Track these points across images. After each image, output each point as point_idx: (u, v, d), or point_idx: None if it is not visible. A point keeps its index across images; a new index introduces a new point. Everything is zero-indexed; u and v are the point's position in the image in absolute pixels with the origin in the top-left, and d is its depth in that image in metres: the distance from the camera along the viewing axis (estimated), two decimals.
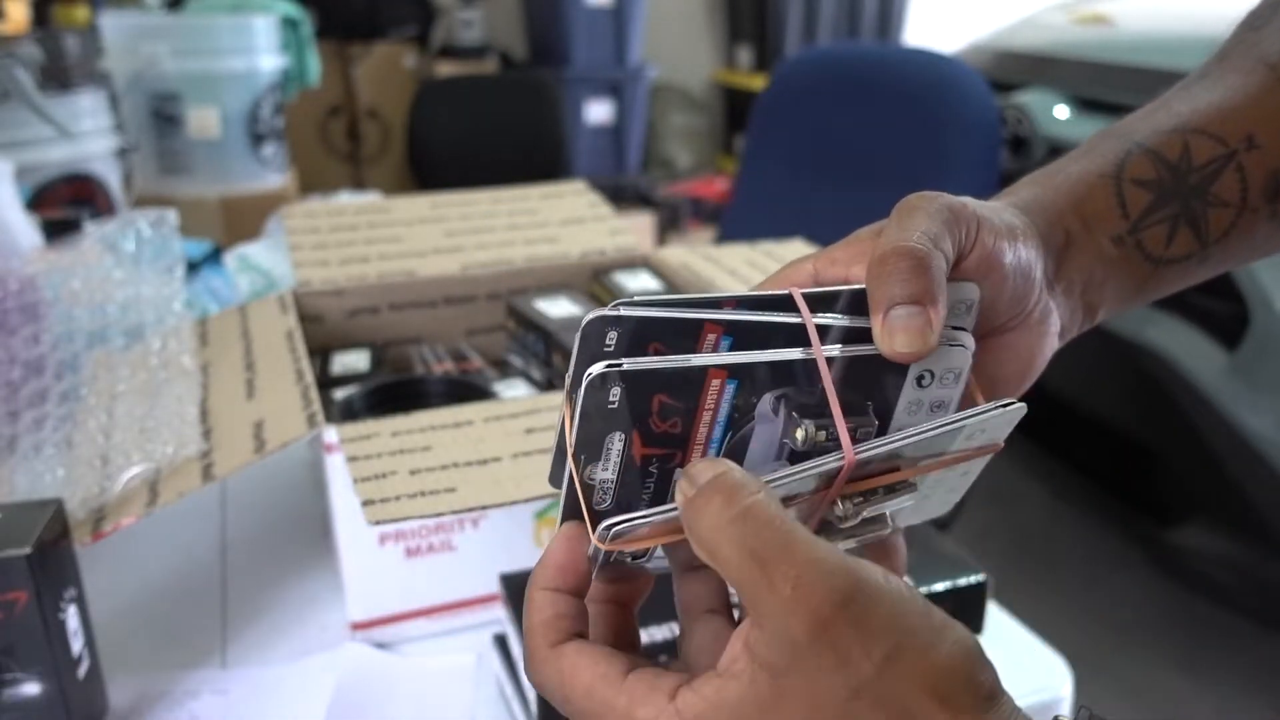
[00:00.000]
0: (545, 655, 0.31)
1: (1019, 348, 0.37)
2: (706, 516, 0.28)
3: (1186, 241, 0.38)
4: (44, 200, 1.37)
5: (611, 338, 0.32)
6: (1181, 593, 1.96)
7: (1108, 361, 1.80)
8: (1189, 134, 0.39)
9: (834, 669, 0.26)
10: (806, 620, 0.26)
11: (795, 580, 0.26)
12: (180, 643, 0.67)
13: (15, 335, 0.75)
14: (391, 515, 0.51)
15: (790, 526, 0.27)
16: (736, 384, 0.32)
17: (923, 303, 0.31)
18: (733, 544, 0.27)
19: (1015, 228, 0.35)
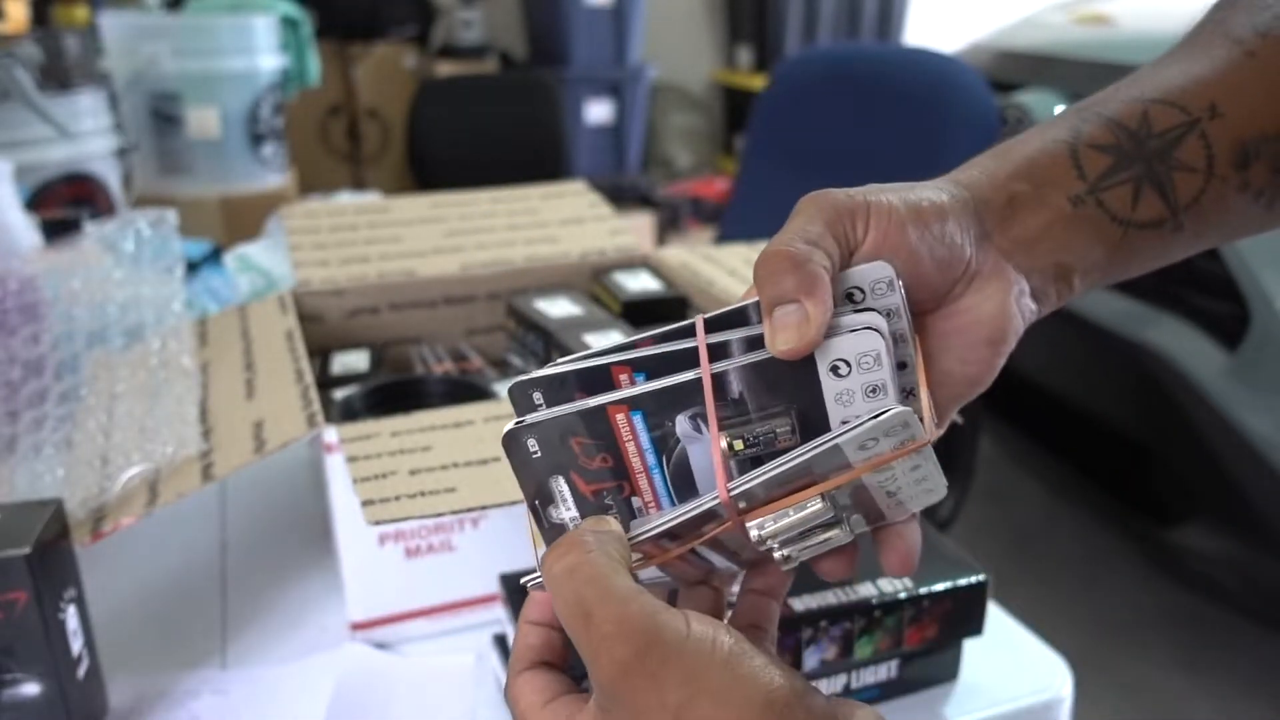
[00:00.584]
0: (511, 675, 0.35)
1: (979, 311, 0.37)
2: (545, 567, 0.32)
3: (1155, 205, 0.38)
4: (44, 200, 1.37)
5: (538, 397, 0.35)
6: (1181, 593, 1.96)
7: (1108, 361, 1.80)
8: (1149, 103, 0.38)
9: (639, 714, 0.29)
10: (609, 668, 0.29)
11: (602, 634, 0.29)
12: (180, 643, 0.67)
13: (15, 335, 0.75)
14: (391, 515, 0.51)
15: (609, 585, 0.30)
16: (641, 413, 0.35)
17: (797, 298, 0.33)
18: (561, 594, 0.31)
19: (921, 205, 0.36)
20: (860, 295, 0.35)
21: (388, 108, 3.34)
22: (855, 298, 0.35)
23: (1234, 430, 1.50)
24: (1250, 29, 0.39)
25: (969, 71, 1.66)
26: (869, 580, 0.57)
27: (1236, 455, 1.52)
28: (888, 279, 0.35)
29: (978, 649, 0.63)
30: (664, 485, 0.36)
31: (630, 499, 0.36)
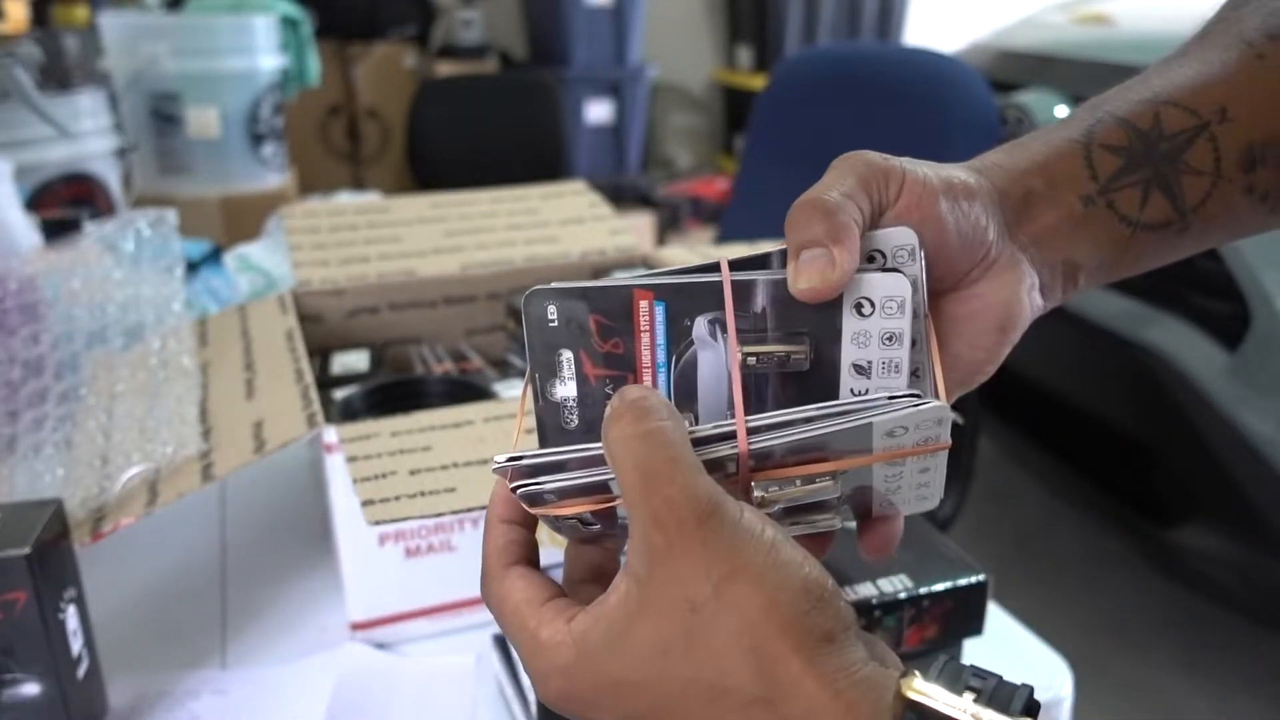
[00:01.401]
0: (493, 576, 0.35)
1: (992, 298, 0.37)
2: (615, 429, 0.31)
3: (1162, 207, 0.38)
4: (44, 200, 1.37)
5: (553, 311, 0.35)
6: (1181, 593, 1.96)
7: (1108, 361, 1.80)
8: (1160, 105, 0.39)
9: (680, 582, 0.29)
10: (665, 532, 0.29)
11: (665, 497, 0.29)
12: (180, 643, 0.67)
13: (15, 335, 0.75)
14: (391, 515, 0.51)
15: (679, 454, 0.30)
16: (664, 305, 0.35)
17: (824, 244, 0.33)
18: (628, 456, 0.30)
19: (954, 181, 0.36)
20: (881, 259, 0.35)
21: (388, 108, 3.34)
22: (876, 260, 0.35)
23: (1234, 430, 1.50)
24: (1261, 31, 0.40)
25: (969, 71, 1.66)
26: (869, 580, 0.57)
27: (1236, 455, 1.51)
28: (910, 246, 0.35)
29: (978, 649, 0.63)
30: (666, 388, 0.36)
31: None
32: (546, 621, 0.32)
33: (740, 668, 0.29)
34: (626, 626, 0.30)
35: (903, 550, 0.62)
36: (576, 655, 0.31)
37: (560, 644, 0.31)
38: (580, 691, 0.31)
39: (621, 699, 0.31)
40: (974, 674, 0.29)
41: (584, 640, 0.31)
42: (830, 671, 0.28)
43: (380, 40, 3.34)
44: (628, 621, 0.30)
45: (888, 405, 0.32)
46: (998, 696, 0.28)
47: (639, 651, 0.30)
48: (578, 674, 0.31)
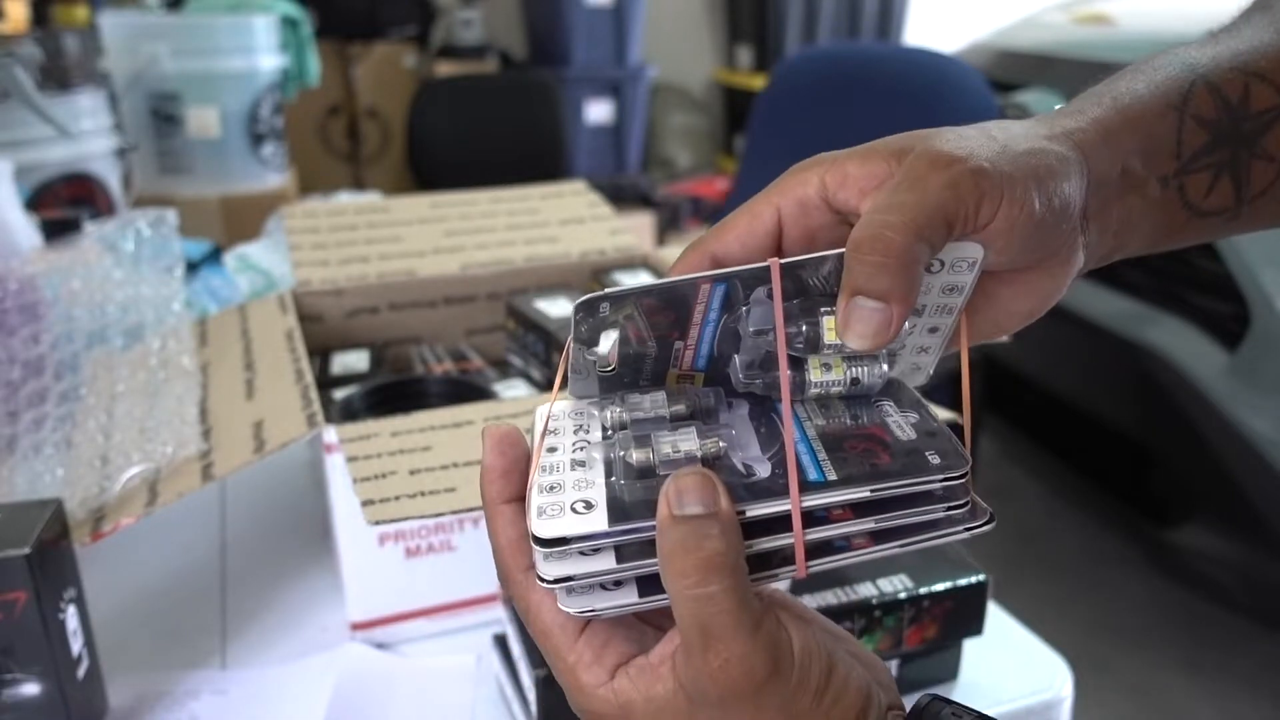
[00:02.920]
0: (517, 579, 0.33)
1: (1038, 284, 0.35)
2: (676, 580, 0.30)
3: (1225, 196, 0.37)
4: (44, 200, 1.37)
5: (605, 307, 0.33)
6: (1181, 593, 1.96)
7: (1108, 361, 1.80)
8: (1250, 76, 0.37)
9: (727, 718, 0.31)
10: (721, 690, 0.30)
11: (724, 660, 0.30)
12: (180, 643, 0.67)
13: (15, 335, 0.75)
14: (391, 515, 0.51)
15: (741, 614, 0.30)
16: (725, 286, 0.33)
17: (888, 300, 0.30)
18: (689, 609, 0.30)
19: (1054, 171, 0.33)
20: (938, 266, 0.33)
21: (388, 108, 3.34)
22: (932, 268, 0.33)
23: (1234, 430, 1.50)
24: None
25: (969, 71, 1.66)
26: (869, 580, 0.57)
27: (1236, 455, 1.52)
28: (972, 259, 0.33)
29: (978, 649, 0.63)
30: (711, 336, 0.35)
31: (675, 342, 0.35)
32: (586, 664, 0.33)
33: None
34: None
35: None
36: (618, 714, 0.32)
37: (604, 700, 0.32)
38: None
39: None
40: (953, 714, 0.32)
41: (627, 708, 0.32)
42: None
43: (380, 40, 3.34)
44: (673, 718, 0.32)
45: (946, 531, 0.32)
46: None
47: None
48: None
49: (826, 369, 0.34)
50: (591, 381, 0.36)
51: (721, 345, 0.35)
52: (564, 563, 0.31)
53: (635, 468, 0.32)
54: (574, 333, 0.34)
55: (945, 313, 0.35)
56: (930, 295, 0.34)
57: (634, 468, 0.32)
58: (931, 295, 0.34)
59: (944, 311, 0.35)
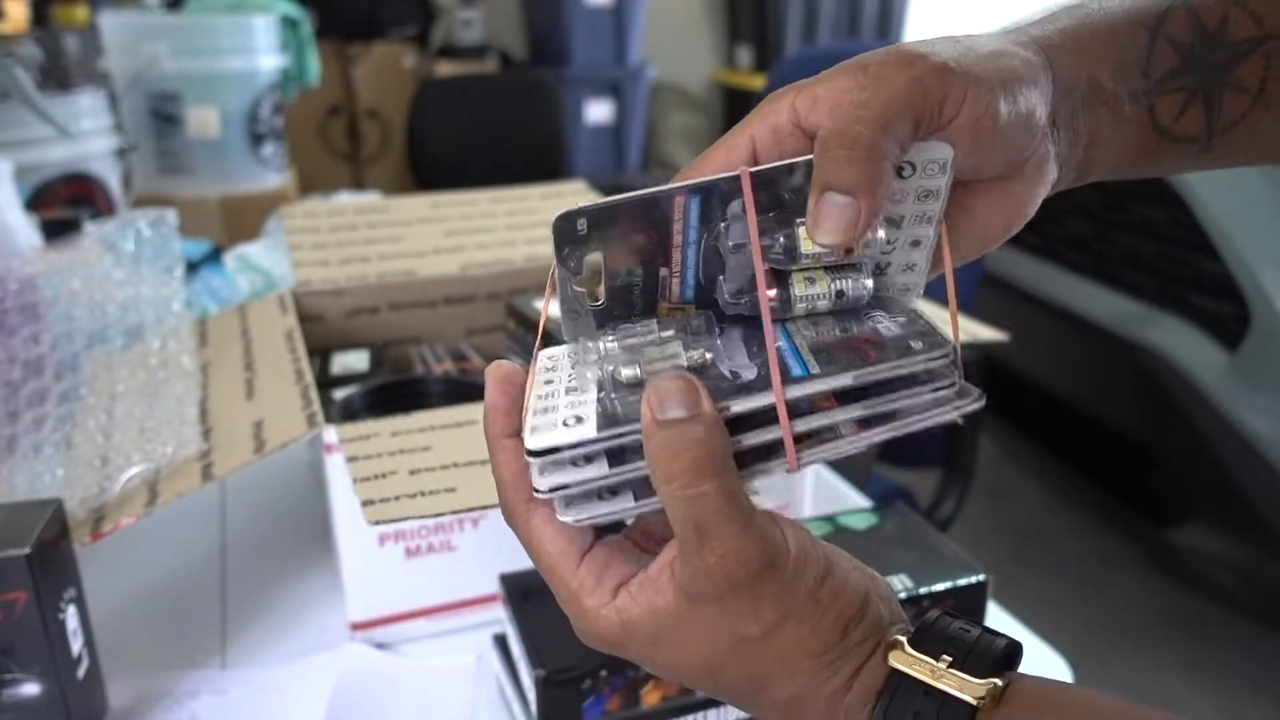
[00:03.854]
0: (519, 511, 0.34)
1: (1011, 194, 0.36)
2: (666, 483, 0.31)
3: (1195, 121, 0.37)
4: (43, 200, 1.37)
5: (582, 224, 0.34)
6: (1181, 593, 1.96)
7: (1108, 361, 1.80)
8: (1230, 4, 0.37)
9: (730, 621, 0.31)
10: (716, 585, 0.31)
11: (720, 555, 0.30)
12: (180, 643, 0.67)
13: (15, 335, 0.75)
14: (391, 515, 0.51)
15: (732, 513, 0.30)
16: (700, 197, 0.34)
17: (855, 193, 0.31)
18: (682, 509, 0.31)
19: (1019, 74, 0.34)
20: (909, 170, 0.34)
21: (388, 108, 3.34)
22: (904, 172, 0.34)
23: (1234, 430, 1.50)
24: None
25: None
26: None
27: (1236, 455, 1.52)
28: (942, 160, 0.34)
29: None
30: (695, 260, 0.35)
31: (660, 269, 0.35)
32: (589, 589, 0.33)
33: (780, 683, 0.32)
34: (674, 632, 0.32)
35: (903, 550, 0.62)
36: (622, 634, 0.33)
37: (607, 620, 0.33)
38: (626, 654, 0.34)
39: (667, 670, 0.34)
40: (961, 627, 0.33)
41: (630, 626, 0.33)
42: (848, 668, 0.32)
43: (380, 40, 3.34)
44: (675, 628, 0.32)
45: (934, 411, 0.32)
46: (976, 652, 0.32)
47: (685, 652, 0.33)
48: (623, 647, 0.33)
49: (810, 283, 0.34)
50: (587, 321, 0.36)
51: (707, 270, 0.36)
52: (558, 474, 0.32)
53: (624, 382, 0.33)
54: (558, 258, 0.34)
55: (924, 222, 0.35)
56: (906, 203, 0.35)
57: (623, 383, 0.33)
58: (908, 203, 0.35)
59: (923, 221, 0.35)
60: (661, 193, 0.34)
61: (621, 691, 0.54)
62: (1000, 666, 0.32)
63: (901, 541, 0.63)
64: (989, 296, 1.81)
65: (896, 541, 0.62)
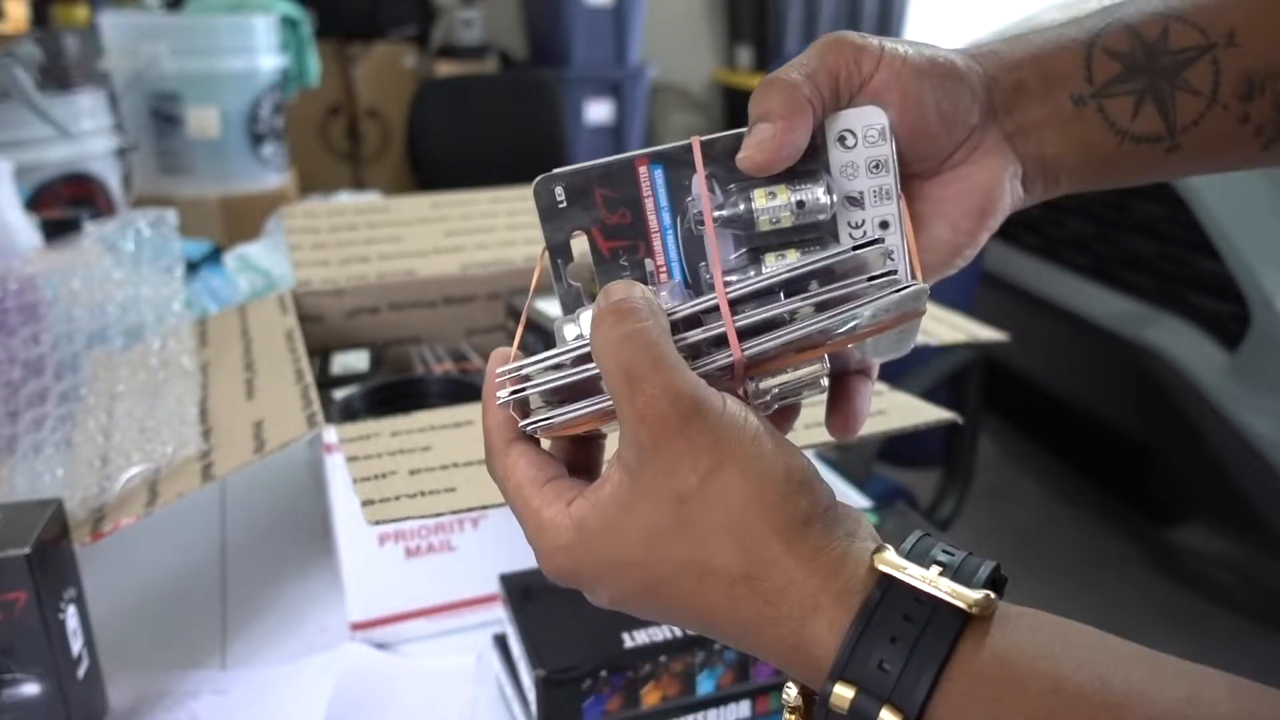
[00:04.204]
0: (498, 450, 0.36)
1: (974, 180, 0.38)
2: (598, 332, 0.32)
3: (1153, 121, 0.38)
4: (44, 200, 1.37)
5: (560, 192, 0.37)
6: (1181, 593, 1.96)
7: (1108, 361, 1.80)
8: (1171, 19, 0.39)
9: (668, 475, 0.31)
10: (650, 430, 0.31)
11: (649, 397, 0.31)
12: (180, 643, 0.67)
13: (15, 335, 0.75)
14: (391, 515, 0.51)
15: (661, 353, 0.31)
16: (661, 166, 0.37)
17: (770, 118, 0.34)
18: (611, 358, 0.32)
19: (938, 60, 0.37)
20: (852, 139, 0.36)
21: (388, 108, 3.34)
22: (846, 141, 0.36)
23: (1234, 430, 1.50)
24: None
25: None
26: None
27: (1236, 455, 1.51)
28: (880, 126, 0.36)
29: None
30: (676, 251, 0.37)
31: (644, 261, 0.37)
32: (548, 502, 0.34)
33: (726, 550, 0.31)
34: (620, 514, 0.32)
35: None
36: (576, 536, 0.33)
37: (561, 525, 0.33)
38: (580, 568, 0.33)
39: (619, 576, 0.33)
40: (944, 550, 0.32)
41: (582, 524, 0.33)
42: (808, 551, 0.30)
43: (380, 40, 3.34)
44: (621, 509, 0.32)
45: (876, 294, 0.33)
46: (963, 570, 0.31)
47: (633, 536, 0.32)
48: (577, 553, 0.33)
49: (772, 196, 0.36)
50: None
51: (691, 259, 0.37)
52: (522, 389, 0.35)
53: None
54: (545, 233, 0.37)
55: (884, 198, 0.37)
56: (860, 177, 0.37)
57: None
58: (861, 177, 0.37)
59: (883, 197, 0.37)
60: (625, 158, 0.36)
61: (621, 691, 0.54)
62: (998, 584, 0.31)
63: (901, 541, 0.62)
64: (989, 296, 1.81)
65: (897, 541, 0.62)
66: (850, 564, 0.31)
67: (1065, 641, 0.30)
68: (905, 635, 0.29)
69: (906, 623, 0.29)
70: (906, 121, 0.36)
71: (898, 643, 0.29)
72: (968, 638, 0.29)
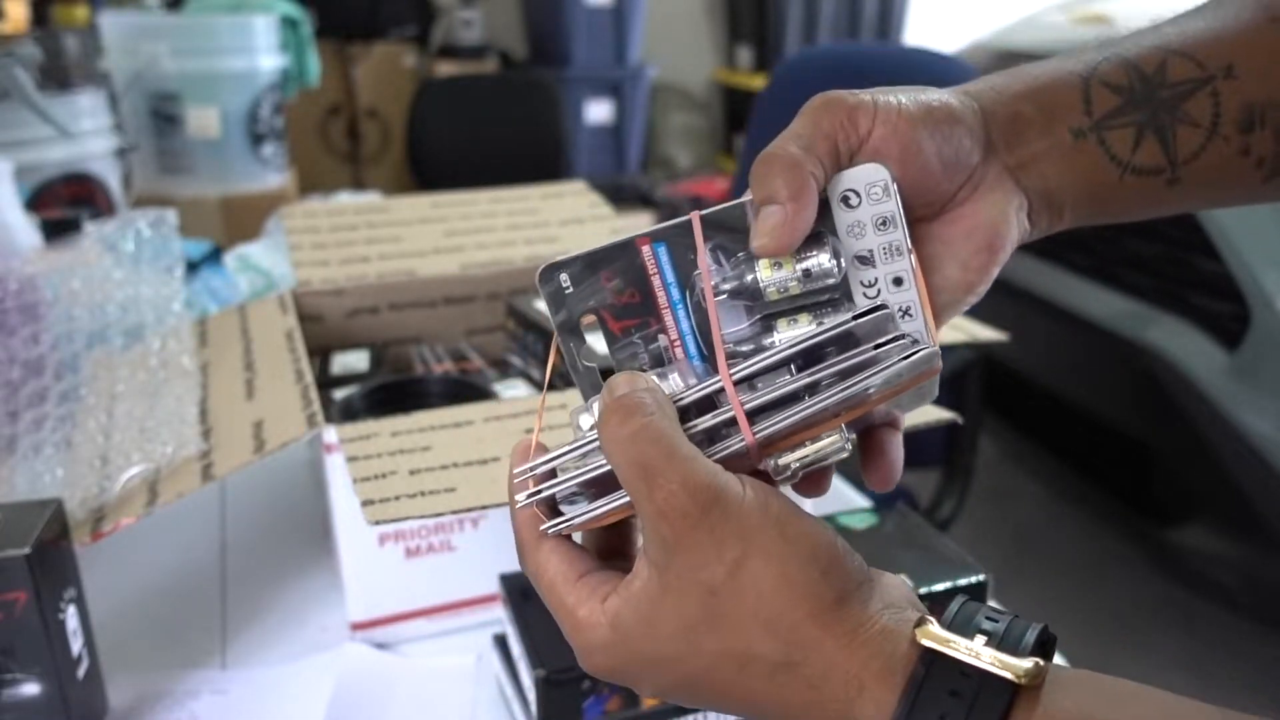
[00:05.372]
0: (529, 546, 0.36)
1: (980, 217, 0.38)
2: (606, 431, 0.32)
3: (1154, 153, 0.38)
4: (44, 200, 1.37)
5: (565, 279, 0.36)
6: (1182, 593, 1.96)
7: (1108, 361, 1.80)
8: (1169, 53, 0.39)
9: (695, 569, 0.31)
10: (672, 526, 0.30)
11: (667, 493, 0.30)
12: (180, 643, 0.67)
13: (15, 335, 0.75)
14: (391, 515, 0.51)
15: (673, 446, 0.31)
16: (664, 245, 0.36)
17: (779, 200, 0.34)
18: (625, 456, 0.31)
19: (933, 105, 0.36)
20: (856, 199, 0.36)
21: (388, 108, 3.34)
22: (850, 201, 0.36)
23: (1234, 430, 1.50)
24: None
25: (969, 71, 1.66)
26: None
27: (1236, 455, 1.51)
28: (882, 182, 0.35)
29: None
30: (688, 324, 0.37)
31: (658, 337, 0.37)
32: (582, 600, 0.34)
33: (763, 639, 0.31)
34: (653, 610, 0.32)
35: (903, 550, 0.62)
36: (612, 635, 0.33)
37: (597, 624, 0.33)
38: (620, 665, 0.33)
39: (658, 672, 0.33)
40: (988, 616, 0.31)
41: (617, 621, 0.33)
42: (846, 630, 0.30)
43: (380, 40, 3.34)
44: (653, 605, 0.32)
45: (885, 364, 0.32)
46: (1009, 637, 0.30)
47: (667, 631, 0.32)
48: (616, 651, 0.33)
49: (777, 266, 0.36)
50: None
51: (703, 331, 0.37)
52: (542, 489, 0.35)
53: None
54: (555, 325, 0.37)
55: (895, 254, 0.36)
56: (868, 235, 0.36)
57: None
58: (869, 235, 0.36)
59: (893, 253, 0.36)
60: (626, 239, 0.36)
61: (621, 692, 0.54)
62: (1046, 647, 0.30)
63: (902, 541, 0.63)
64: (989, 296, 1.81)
65: (897, 541, 0.62)
66: (891, 639, 0.30)
67: (1118, 703, 0.30)
68: (953, 712, 0.28)
69: (954, 699, 0.28)
70: (909, 173, 0.36)
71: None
72: (1019, 708, 0.28)
